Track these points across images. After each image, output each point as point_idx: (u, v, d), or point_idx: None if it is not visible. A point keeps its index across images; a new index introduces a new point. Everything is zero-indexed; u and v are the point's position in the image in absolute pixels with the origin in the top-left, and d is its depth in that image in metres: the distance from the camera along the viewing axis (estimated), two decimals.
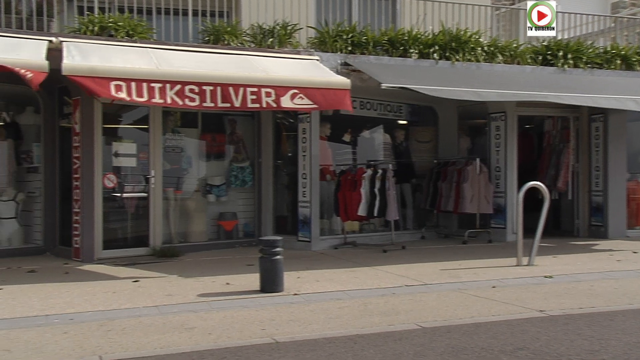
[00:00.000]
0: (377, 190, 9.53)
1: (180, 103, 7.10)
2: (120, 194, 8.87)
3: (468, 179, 10.22)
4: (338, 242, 9.80)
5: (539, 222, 7.90)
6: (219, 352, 4.32)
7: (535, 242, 7.88)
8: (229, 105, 7.30)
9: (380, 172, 9.62)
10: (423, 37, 9.98)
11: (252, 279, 6.49)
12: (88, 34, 8.23)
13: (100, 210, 8.43)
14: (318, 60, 9.09)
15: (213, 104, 7.22)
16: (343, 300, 5.95)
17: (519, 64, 10.51)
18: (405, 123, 11.42)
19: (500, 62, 10.35)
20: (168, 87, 7.02)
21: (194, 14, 9.38)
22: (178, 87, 7.06)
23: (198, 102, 7.14)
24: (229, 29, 9.14)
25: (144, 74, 7.07)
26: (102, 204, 8.45)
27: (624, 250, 9.26)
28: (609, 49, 11.07)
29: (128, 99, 6.88)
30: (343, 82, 8.08)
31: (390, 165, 9.84)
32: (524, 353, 4.24)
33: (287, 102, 7.49)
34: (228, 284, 6.61)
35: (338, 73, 8.86)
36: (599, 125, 10.93)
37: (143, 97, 6.89)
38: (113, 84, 6.81)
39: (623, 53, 11.02)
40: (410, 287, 6.56)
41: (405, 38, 9.87)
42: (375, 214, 9.63)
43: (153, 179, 8.93)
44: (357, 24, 10.01)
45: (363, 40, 9.65)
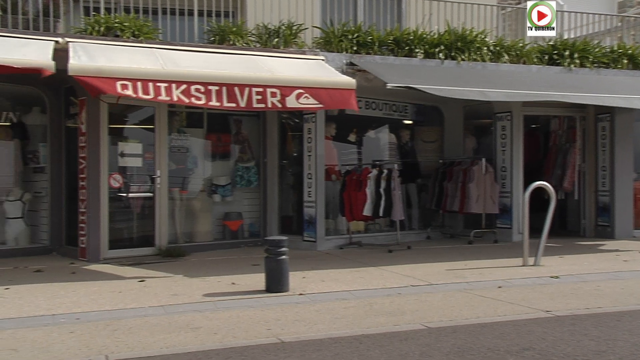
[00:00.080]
0: (382, 190, 9.52)
1: (187, 101, 7.12)
2: (126, 194, 8.89)
3: (474, 179, 10.20)
4: (343, 242, 9.80)
5: (545, 222, 7.87)
6: (225, 351, 4.32)
7: (542, 242, 7.86)
8: (235, 105, 7.30)
9: (386, 172, 9.61)
10: (429, 36, 9.96)
11: (257, 279, 6.50)
12: (94, 35, 8.26)
13: (106, 210, 8.45)
14: (323, 60, 9.09)
15: (219, 103, 7.23)
16: (348, 300, 5.95)
17: (525, 64, 10.48)
18: (411, 123, 11.40)
19: (506, 61, 10.33)
20: (174, 86, 7.04)
21: (200, 14, 9.40)
22: (184, 86, 7.08)
23: (204, 100, 7.16)
24: (235, 29, 9.16)
25: (150, 74, 7.09)
26: (108, 204, 8.48)
27: (631, 251, 9.22)
28: (616, 49, 11.03)
29: (134, 96, 6.89)
30: (348, 82, 8.07)
31: (396, 165, 9.83)
32: (530, 353, 4.22)
33: (292, 102, 7.49)
34: (233, 284, 6.61)
35: (343, 73, 8.86)
36: (606, 125, 10.88)
37: (149, 94, 6.91)
38: (119, 84, 6.83)
39: (630, 52, 10.97)
40: (416, 287, 6.55)
41: (411, 38, 9.85)
42: (381, 214, 9.62)
43: (159, 179, 8.95)
44: (362, 24, 10.01)
45: (368, 40, 9.65)
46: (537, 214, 8.33)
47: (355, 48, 9.55)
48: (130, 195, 8.95)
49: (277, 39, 9.36)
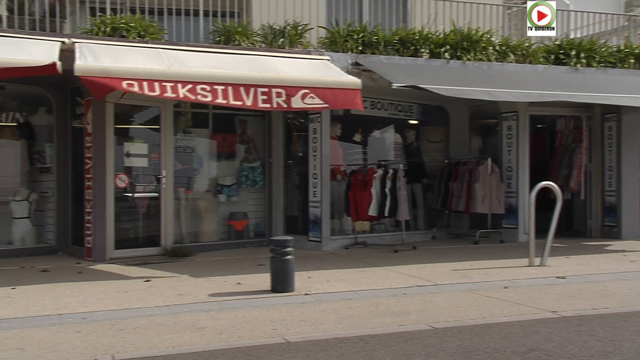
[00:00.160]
0: (387, 190, 9.50)
1: (193, 98, 7.15)
2: (132, 194, 8.92)
3: (479, 179, 10.17)
4: (349, 242, 9.79)
5: (552, 222, 7.84)
6: (230, 351, 4.32)
7: (548, 242, 7.82)
8: (241, 103, 7.31)
9: (391, 172, 9.59)
10: (434, 36, 9.94)
11: (263, 279, 6.50)
12: (100, 35, 8.29)
13: (112, 210, 8.47)
14: (329, 60, 9.08)
15: (225, 101, 7.24)
16: (354, 301, 5.94)
17: (531, 63, 10.45)
18: (416, 123, 11.40)
19: (512, 61, 10.30)
20: (180, 86, 7.06)
21: (205, 15, 9.41)
22: (190, 86, 7.10)
23: (210, 98, 7.18)
24: (240, 30, 9.17)
25: (156, 75, 7.10)
26: (114, 204, 8.50)
27: (638, 251, 9.17)
28: (623, 48, 10.98)
29: (139, 92, 6.92)
30: (354, 82, 8.06)
31: (401, 165, 9.82)
32: (537, 354, 4.20)
33: (297, 102, 7.49)
34: (239, 284, 6.62)
35: (349, 73, 8.85)
36: (612, 125, 10.83)
37: (155, 92, 6.95)
38: (125, 83, 6.86)
39: (637, 52, 10.92)
40: (422, 287, 6.54)
41: (416, 38, 9.84)
42: (386, 214, 9.60)
43: (164, 179, 8.97)
44: (367, 24, 10.00)
45: (374, 40, 9.64)
46: (543, 214, 8.29)
47: (361, 48, 9.54)
48: (136, 195, 8.98)
49: (282, 39, 9.37)
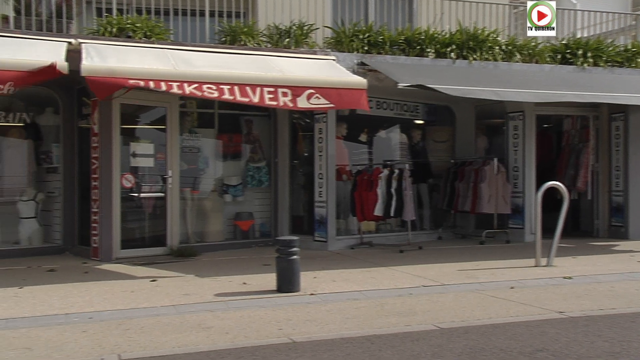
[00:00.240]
0: (393, 190, 9.49)
1: (199, 94, 7.17)
2: (138, 194, 8.93)
3: (485, 179, 10.14)
4: (354, 242, 9.78)
5: (558, 222, 7.80)
6: (236, 351, 4.32)
7: (554, 242, 7.79)
8: (248, 100, 7.33)
9: (397, 172, 9.58)
10: (440, 36, 9.92)
11: (268, 279, 6.50)
12: (106, 36, 8.31)
13: (119, 210, 8.49)
14: (334, 60, 9.08)
15: (232, 97, 7.26)
16: (360, 301, 5.94)
17: (538, 63, 10.41)
18: (422, 123, 11.37)
19: (519, 61, 10.26)
20: (186, 85, 7.09)
21: (211, 15, 9.42)
22: (196, 85, 7.11)
23: (217, 94, 7.19)
24: (246, 30, 9.17)
25: (162, 75, 7.12)
26: (120, 204, 8.52)
27: None
28: (630, 47, 10.93)
29: (145, 86, 6.93)
30: (359, 81, 8.05)
31: (407, 165, 9.79)
32: (544, 355, 4.19)
33: (303, 102, 7.50)
34: (245, 284, 6.62)
35: (354, 73, 8.85)
36: (620, 125, 10.78)
37: (161, 88, 6.99)
38: (131, 81, 6.89)
39: None
40: (428, 287, 6.53)
41: (422, 37, 9.82)
42: (392, 214, 9.59)
43: (170, 179, 8.98)
44: (373, 24, 9.99)
45: (379, 40, 9.63)
46: (549, 214, 8.26)
47: (367, 48, 9.53)
48: (142, 195, 8.99)
49: (288, 39, 9.37)
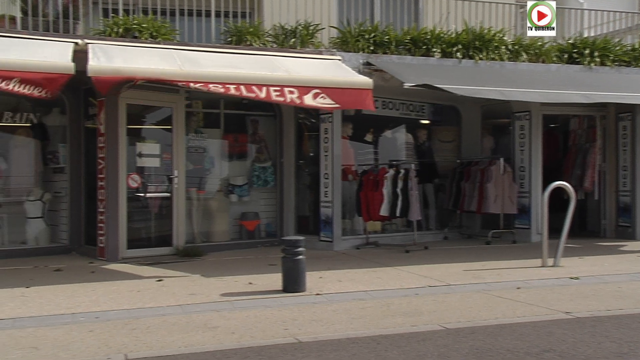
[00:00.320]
0: (399, 190, 9.48)
1: (205, 89, 7.19)
2: (144, 194, 8.95)
3: (492, 179, 10.11)
4: (360, 242, 9.78)
5: (565, 222, 7.77)
6: (242, 351, 4.33)
7: (561, 242, 7.76)
8: (254, 95, 7.33)
9: (403, 172, 9.57)
10: (446, 36, 9.90)
11: (274, 279, 6.50)
12: (113, 36, 8.34)
13: (125, 210, 8.51)
14: (340, 60, 9.07)
15: (238, 93, 7.27)
16: (365, 301, 5.93)
17: (544, 63, 10.37)
18: (428, 122, 11.35)
19: (525, 60, 10.23)
20: (191, 84, 7.11)
21: (217, 15, 9.44)
22: (201, 84, 7.13)
23: (223, 90, 7.20)
24: (252, 30, 9.19)
25: (168, 75, 7.14)
26: (126, 204, 8.54)
27: None
28: (637, 47, 10.87)
29: (151, 77, 6.93)
30: (365, 81, 8.04)
31: (413, 165, 9.78)
32: (551, 355, 4.17)
33: (309, 100, 7.51)
34: (250, 284, 6.63)
35: (360, 73, 8.83)
36: (627, 124, 10.72)
37: (166, 80, 7.00)
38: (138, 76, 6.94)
39: None
40: (433, 287, 6.51)
41: (428, 37, 9.80)
42: (398, 214, 9.58)
43: (176, 179, 9.00)
44: (379, 24, 9.99)
45: (385, 40, 9.61)
46: (556, 215, 8.23)
47: (372, 48, 9.52)
48: (148, 195, 9.01)
49: (293, 39, 9.38)
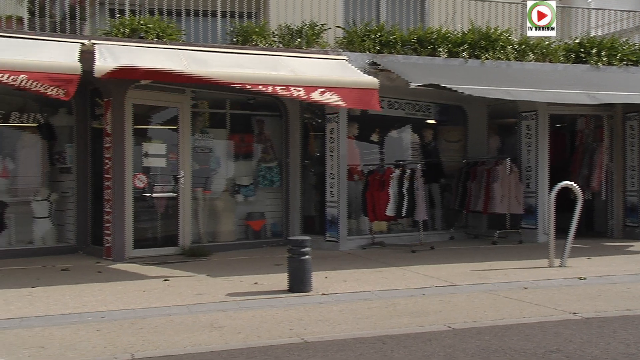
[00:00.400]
0: (405, 190, 9.46)
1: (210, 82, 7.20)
2: (150, 194, 8.97)
3: (498, 179, 10.08)
4: (366, 242, 9.77)
5: (572, 222, 7.73)
6: (248, 351, 4.33)
7: (568, 242, 7.73)
8: (261, 89, 7.35)
9: (409, 172, 9.55)
10: (452, 35, 9.88)
11: (280, 279, 6.50)
12: (119, 36, 8.36)
13: (131, 210, 8.54)
14: (346, 60, 9.07)
15: (243, 87, 7.27)
16: (371, 301, 5.92)
17: (551, 62, 10.33)
18: (434, 122, 11.33)
19: (532, 60, 10.19)
20: (200, 76, 7.13)
21: (223, 15, 9.45)
22: (207, 79, 7.15)
23: (227, 82, 7.24)
24: (257, 30, 9.19)
25: (173, 70, 7.15)
26: (132, 204, 8.57)
27: None
28: None
29: (156, 68, 6.92)
30: (371, 81, 8.03)
31: (419, 165, 9.76)
32: (558, 356, 4.15)
33: (316, 96, 7.52)
34: (256, 284, 6.63)
35: (366, 73, 8.83)
36: (634, 124, 10.67)
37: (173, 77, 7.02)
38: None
39: None
40: (440, 288, 6.50)
41: (434, 37, 9.79)
42: (404, 214, 9.56)
43: (182, 179, 9.02)
44: (385, 23, 9.97)
45: (391, 40, 9.60)
46: (563, 215, 8.19)
47: (378, 48, 9.51)
48: (154, 195, 9.03)
49: (299, 39, 9.38)
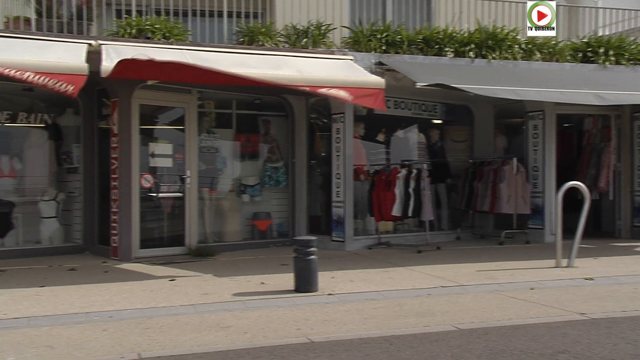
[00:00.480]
0: (411, 190, 9.44)
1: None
2: (157, 194, 9.00)
3: (505, 179, 10.05)
4: (372, 242, 9.75)
5: (579, 222, 7.70)
6: (255, 351, 4.33)
7: (575, 243, 7.69)
8: (265, 83, 7.36)
9: (415, 172, 9.53)
10: (459, 35, 9.86)
11: (286, 279, 6.51)
12: (126, 37, 8.39)
13: (138, 210, 8.56)
14: (352, 60, 9.06)
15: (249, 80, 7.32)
16: (378, 301, 5.91)
17: (558, 62, 10.29)
18: (440, 122, 11.31)
19: (539, 59, 10.15)
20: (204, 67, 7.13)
21: (229, 16, 9.46)
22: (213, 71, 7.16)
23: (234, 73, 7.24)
24: (264, 30, 9.20)
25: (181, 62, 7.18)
26: (139, 204, 8.59)
27: None
28: None
29: (160, 60, 6.94)
30: (377, 81, 8.02)
31: (425, 165, 9.74)
32: (565, 357, 4.13)
33: (323, 90, 7.54)
34: (263, 284, 6.63)
35: (372, 72, 8.82)
36: None
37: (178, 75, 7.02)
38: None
39: None
40: (446, 288, 6.48)
41: (440, 36, 9.77)
42: (410, 214, 9.54)
43: (188, 179, 9.04)
44: (391, 23, 9.96)
45: (397, 40, 9.59)
46: (570, 215, 8.16)
47: (384, 47, 9.50)
48: (161, 195, 9.06)
49: (305, 39, 9.38)
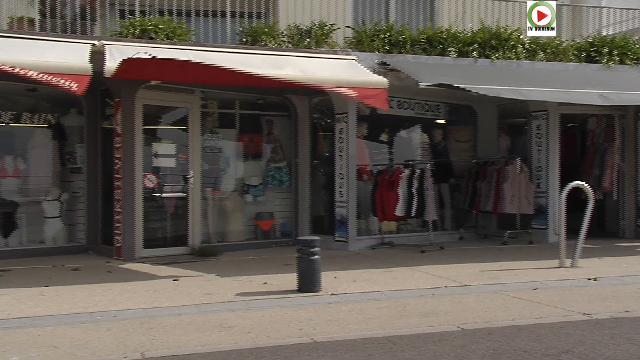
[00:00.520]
0: (414, 190, 9.43)
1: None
2: (160, 194, 9.01)
3: (508, 179, 10.03)
4: (375, 242, 9.75)
5: (583, 222, 7.68)
6: (258, 351, 4.33)
7: (579, 243, 7.67)
8: (268, 79, 7.36)
9: (418, 172, 9.52)
10: (462, 35, 9.85)
11: (289, 279, 6.51)
12: (129, 37, 8.40)
13: (141, 210, 8.57)
14: (355, 60, 9.06)
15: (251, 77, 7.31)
16: (381, 301, 5.91)
17: (562, 61, 10.27)
18: (444, 122, 11.29)
19: (542, 59, 10.14)
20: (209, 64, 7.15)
21: (232, 16, 9.48)
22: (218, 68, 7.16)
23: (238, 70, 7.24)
24: (267, 30, 9.21)
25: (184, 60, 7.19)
26: (142, 204, 8.60)
27: None
28: None
29: (163, 58, 6.95)
30: (381, 81, 8.02)
31: (428, 165, 9.73)
32: (569, 357, 4.12)
33: (327, 87, 7.55)
34: (266, 284, 6.64)
35: (375, 72, 8.82)
36: None
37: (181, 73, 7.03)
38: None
39: None
40: (449, 288, 6.47)
41: (444, 36, 9.76)
42: (413, 214, 9.54)
43: (192, 179, 9.04)
44: (394, 23, 9.96)
45: (400, 39, 9.58)
46: (573, 215, 8.14)
47: (387, 47, 9.49)
48: (164, 195, 9.07)
49: (308, 39, 9.38)
